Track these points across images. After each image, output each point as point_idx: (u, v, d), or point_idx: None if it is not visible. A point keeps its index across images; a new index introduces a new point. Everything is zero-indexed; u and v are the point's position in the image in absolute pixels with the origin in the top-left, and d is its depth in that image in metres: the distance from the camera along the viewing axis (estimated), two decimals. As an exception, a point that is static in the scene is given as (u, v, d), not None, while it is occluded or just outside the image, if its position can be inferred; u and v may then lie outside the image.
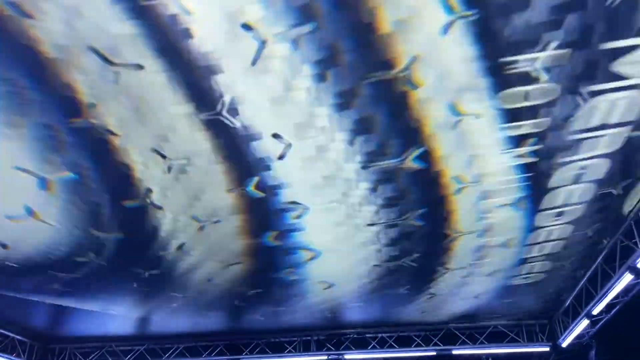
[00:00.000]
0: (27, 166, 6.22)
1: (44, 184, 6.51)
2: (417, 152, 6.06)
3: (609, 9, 4.48)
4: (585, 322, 10.01)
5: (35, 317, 12.08)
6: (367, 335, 12.54)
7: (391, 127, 5.73)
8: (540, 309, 11.31)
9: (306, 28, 4.61)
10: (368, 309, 11.11)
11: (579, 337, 10.63)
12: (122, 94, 5.26)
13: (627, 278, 8.22)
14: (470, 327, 12.10)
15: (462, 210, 7.22)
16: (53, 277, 9.03)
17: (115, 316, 11.73)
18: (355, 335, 12.55)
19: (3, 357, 12.37)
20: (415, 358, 12.24)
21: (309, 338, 12.74)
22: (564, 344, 11.08)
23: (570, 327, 10.55)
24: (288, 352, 12.68)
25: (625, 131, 5.79)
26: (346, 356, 12.39)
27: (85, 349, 13.59)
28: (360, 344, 12.51)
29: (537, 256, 8.58)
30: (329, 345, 12.56)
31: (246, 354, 12.86)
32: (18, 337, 12.80)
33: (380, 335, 12.45)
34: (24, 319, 12.18)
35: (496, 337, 11.97)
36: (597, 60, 4.95)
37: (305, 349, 12.66)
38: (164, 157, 6.09)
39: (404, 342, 12.32)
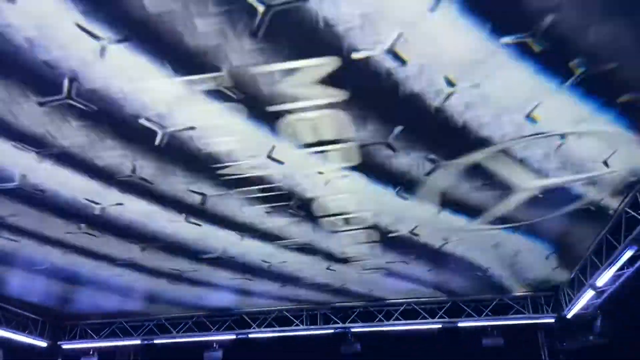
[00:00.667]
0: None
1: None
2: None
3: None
4: (590, 294, 10.03)
5: (47, 295, 12.24)
6: (373, 309, 12.65)
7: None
8: (546, 281, 11.36)
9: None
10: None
11: (584, 308, 10.67)
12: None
13: (632, 249, 8.20)
14: (476, 300, 12.17)
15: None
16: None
17: (124, 293, 11.89)
18: (361, 309, 12.67)
19: (16, 334, 12.62)
20: (420, 331, 12.33)
21: (315, 312, 12.88)
22: (569, 315, 11.14)
23: (575, 299, 10.59)
24: (295, 325, 12.83)
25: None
26: (352, 329, 12.51)
27: (95, 326, 13.85)
28: (367, 318, 12.65)
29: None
30: (335, 319, 12.70)
31: (254, 329, 13.02)
32: (30, 315, 13.05)
33: (386, 308, 12.56)
34: (36, 298, 12.35)
35: (501, 310, 12.05)
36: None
37: (312, 322, 12.81)
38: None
39: (410, 315, 12.43)
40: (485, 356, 12.31)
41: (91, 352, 13.70)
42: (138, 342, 13.43)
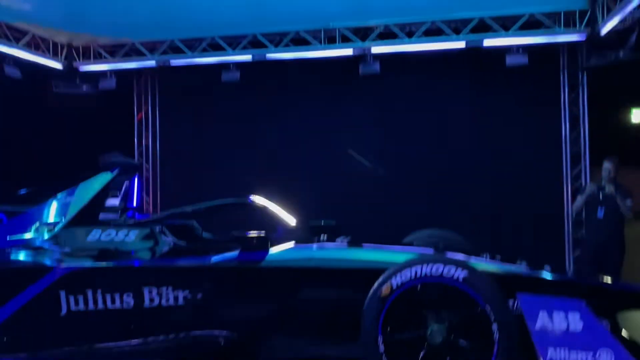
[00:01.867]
0: None
1: None
2: None
3: None
4: (633, 3, 9.24)
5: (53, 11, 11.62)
6: (394, 29, 12.05)
7: None
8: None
9: None
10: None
11: (622, 21, 9.96)
12: None
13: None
14: (504, 17, 11.41)
15: None
16: None
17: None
18: (382, 29, 12.07)
19: (30, 53, 12.47)
20: (443, 50, 11.91)
21: (334, 33, 12.32)
22: (604, 31, 10.49)
23: (615, 10, 9.82)
24: (313, 46, 12.44)
25: None
26: (373, 50, 12.10)
27: (108, 48, 13.59)
28: (387, 37, 12.12)
29: None
30: (355, 38, 12.20)
31: (270, 50, 12.69)
32: (41, 34, 12.71)
33: (408, 27, 11.96)
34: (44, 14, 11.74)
35: (530, 27, 11.34)
36: None
37: (330, 42, 12.36)
38: None
39: (433, 34, 11.87)
40: (507, 77, 12.13)
41: (108, 75, 13.73)
42: (153, 63, 13.27)
